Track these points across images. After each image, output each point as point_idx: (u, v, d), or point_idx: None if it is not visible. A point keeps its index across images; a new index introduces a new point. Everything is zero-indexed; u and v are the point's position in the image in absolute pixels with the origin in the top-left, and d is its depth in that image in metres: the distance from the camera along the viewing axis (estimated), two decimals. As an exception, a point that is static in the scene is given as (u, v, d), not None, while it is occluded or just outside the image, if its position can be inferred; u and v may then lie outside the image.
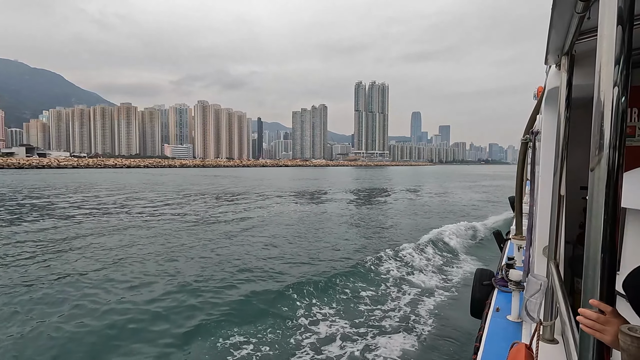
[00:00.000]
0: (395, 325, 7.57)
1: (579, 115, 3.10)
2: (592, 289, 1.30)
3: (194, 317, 7.65)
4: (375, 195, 37.84)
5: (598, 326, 1.27)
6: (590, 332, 1.29)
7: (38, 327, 7.09)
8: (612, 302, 1.29)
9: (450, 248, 14.00)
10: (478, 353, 3.59)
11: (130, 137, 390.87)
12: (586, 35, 2.38)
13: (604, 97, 1.20)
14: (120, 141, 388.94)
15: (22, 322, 7.32)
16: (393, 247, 13.11)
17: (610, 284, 1.27)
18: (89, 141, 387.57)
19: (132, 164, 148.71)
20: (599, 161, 1.22)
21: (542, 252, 3.23)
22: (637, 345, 1.13)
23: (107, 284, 9.42)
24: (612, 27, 1.17)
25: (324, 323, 7.65)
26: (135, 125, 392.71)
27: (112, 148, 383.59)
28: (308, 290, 9.22)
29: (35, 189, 40.18)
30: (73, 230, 16.65)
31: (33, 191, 36.98)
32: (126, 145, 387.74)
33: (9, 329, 7.03)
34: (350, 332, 7.26)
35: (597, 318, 1.27)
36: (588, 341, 1.34)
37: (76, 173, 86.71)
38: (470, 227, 17.46)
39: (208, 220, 19.81)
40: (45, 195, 32.75)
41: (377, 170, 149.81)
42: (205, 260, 11.81)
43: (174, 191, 38.87)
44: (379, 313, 8.15)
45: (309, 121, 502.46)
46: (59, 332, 6.93)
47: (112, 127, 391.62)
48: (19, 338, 6.69)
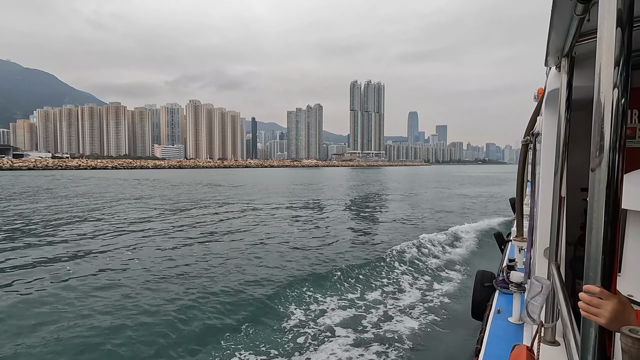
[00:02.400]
0: (395, 326, 7.63)
1: (580, 116, 3.11)
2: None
3: (191, 319, 7.66)
4: (368, 199, 37.93)
5: (592, 309, 1.29)
6: (586, 315, 1.32)
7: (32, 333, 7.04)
8: None
9: (451, 250, 14.11)
10: (479, 355, 3.62)
11: (119, 138, 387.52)
12: (586, 37, 2.39)
13: (604, 98, 1.21)
14: (109, 142, 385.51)
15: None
16: (392, 249, 13.15)
17: (611, 285, 1.28)
18: (77, 142, 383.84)
19: (99, 165, 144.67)
20: (599, 162, 1.23)
21: (543, 254, 3.25)
22: (639, 347, 1.13)
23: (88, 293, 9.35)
24: (612, 29, 1.18)
25: (323, 324, 7.71)
26: (124, 126, 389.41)
27: (100, 149, 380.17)
28: (307, 291, 9.28)
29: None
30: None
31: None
32: (115, 146, 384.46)
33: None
34: (350, 333, 7.32)
35: (589, 301, 1.30)
36: (589, 343, 1.35)
37: (42, 176, 79.67)
38: (470, 228, 17.57)
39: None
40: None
41: (369, 171, 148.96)
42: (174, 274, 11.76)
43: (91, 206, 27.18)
44: (379, 315, 8.21)
45: (304, 121, 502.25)
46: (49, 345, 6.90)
47: (100, 127, 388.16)
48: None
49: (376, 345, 6.90)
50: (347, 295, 9.36)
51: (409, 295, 9.51)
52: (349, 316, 8.16)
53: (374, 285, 10.09)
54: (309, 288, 9.61)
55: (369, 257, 12.16)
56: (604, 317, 1.27)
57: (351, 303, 8.90)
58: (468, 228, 17.56)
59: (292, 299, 8.92)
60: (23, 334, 7.08)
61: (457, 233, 16.49)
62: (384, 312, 8.39)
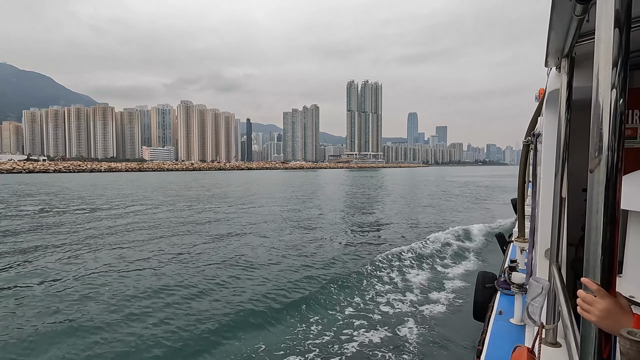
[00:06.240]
0: (397, 328, 7.76)
1: (580, 117, 3.15)
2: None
3: (189, 321, 7.74)
4: (368, 201, 38.03)
5: (585, 306, 1.32)
6: (580, 312, 1.35)
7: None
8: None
9: (452, 251, 14.27)
10: (481, 356, 3.68)
11: (106, 140, 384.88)
12: (586, 38, 2.44)
13: (602, 99, 1.23)
14: (97, 144, 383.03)
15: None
16: (394, 251, 13.28)
17: (611, 286, 1.30)
18: (64, 144, 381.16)
19: (63, 169, 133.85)
20: (598, 163, 1.25)
21: (544, 255, 3.29)
22: (637, 349, 1.14)
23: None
24: (610, 30, 1.21)
25: (324, 325, 7.84)
26: (112, 127, 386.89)
27: (87, 151, 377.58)
28: (307, 293, 9.41)
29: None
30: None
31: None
32: (102, 148, 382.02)
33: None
34: (351, 334, 7.44)
35: (583, 297, 1.33)
36: (590, 345, 1.37)
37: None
38: (472, 229, 17.75)
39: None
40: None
41: (364, 173, 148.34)
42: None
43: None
44: (381, 316, 8.34)
45: (300, 122, 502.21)
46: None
47: (87, 129, 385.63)
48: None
49: (377, 346, 7.02)
50: (348, 296, 9.48)
51: (410, 296, 9.65)
52: (349, 317, 8.29)
53: (374, 287, 10.20)
54: (309, 288, 9.74)
55: (368, 261, 12.27)
56: (594, 314, 1.29)
57: (351, 304, 9.02)
58: (469, 229, 17.74)
59: (293, 300, 9.06)
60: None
61: (458, 234, 16.68)
62: (384, 313, 8.52)
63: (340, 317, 8.33)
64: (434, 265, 12.41)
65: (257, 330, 7.72)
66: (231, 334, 7.52)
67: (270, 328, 7.80)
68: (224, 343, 7.16)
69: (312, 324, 8.00)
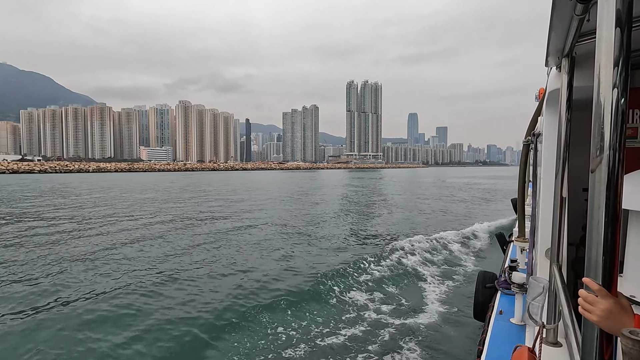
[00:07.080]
0: (397, 328, 7.79)
1: (581, 117, 3.14)
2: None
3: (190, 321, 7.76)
4: (368, 200, 38.07)
5: (586, 306, 1.33)
6: (581, 312, 1.36)
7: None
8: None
9: (452, 251, 14.31)
10: (481, 356, 3.71)
11: (104, 140, 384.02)
12: (586, 37, 2.46)
13: (604, 99, 1.24)
14: (94, 144, 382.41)
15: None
16: (394, 251, 13.31)
17: (612, 286, 1.31)
18: (61, 144, 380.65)
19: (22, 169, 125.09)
20: (600, 163, 1.26)
21: (545, 255, 3.33)
22: (639, 349, 1.15)
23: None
24: (611, 29, 1.21)
25: (324, 325, 7.87)
26: (109, 127, 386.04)
27: (85, 151, 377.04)
28: (307, 292, 9.45)
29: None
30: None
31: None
32: (100, 148, 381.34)
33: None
34: (351, 334, 7.46)
35: (585, 297, 1.34)
36: (591, 344, 1.38)
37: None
38: (472, 229, 17.81)
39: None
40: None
41: (362, 174, 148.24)
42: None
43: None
44: (381, 316, 8.37)
45: (300, 122, 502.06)
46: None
47: (85, 129, 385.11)
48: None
49: (378, 346, 7.05)
50: (348, 296, 9.51)
51: (410, 296, 9.68)
52: (350, 317, 8.32)
53: (373, 286, 10.23)
54: (309, 289, 9.76)
55: (368, 261, 12.29)
56: (596, 314, 1.30)
57: (352, 304, 9.05)
58: (470, 229, 17.80)
59: (293, 300, 9.06)
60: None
61: (458, 234, 16.71)
62: (385, 313, 8.55)
63: (339, 317, 8.36)
64: (434, 265, 12.44)
65: (257, 330, 7.73)
66: (230, 334, 7.54)
67: (270, 328, 7.81)
68: (223, 343, 7.19)
69: (311, 323, 8.03)
